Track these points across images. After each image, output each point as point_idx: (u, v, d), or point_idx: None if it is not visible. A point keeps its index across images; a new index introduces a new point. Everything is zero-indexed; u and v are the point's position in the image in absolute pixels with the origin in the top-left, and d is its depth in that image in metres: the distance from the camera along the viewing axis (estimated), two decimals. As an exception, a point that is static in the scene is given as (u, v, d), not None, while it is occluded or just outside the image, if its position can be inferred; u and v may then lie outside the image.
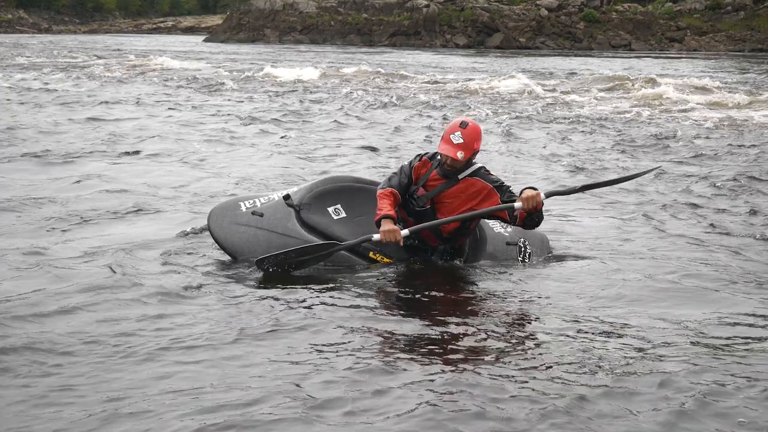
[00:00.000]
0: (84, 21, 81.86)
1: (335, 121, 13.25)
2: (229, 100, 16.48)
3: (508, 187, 4.99)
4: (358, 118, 13.75)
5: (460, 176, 4.98)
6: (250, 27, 56.56)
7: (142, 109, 14.42)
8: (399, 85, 20.59)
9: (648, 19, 50.57)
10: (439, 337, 4.03)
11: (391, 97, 17.13)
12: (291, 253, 4.91)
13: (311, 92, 18.44)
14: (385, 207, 4.90)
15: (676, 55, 41.23)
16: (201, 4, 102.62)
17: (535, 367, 3.67)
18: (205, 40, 56.92)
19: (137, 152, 9.66)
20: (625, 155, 10.34)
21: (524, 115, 14.52)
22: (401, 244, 4.87)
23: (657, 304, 4.60)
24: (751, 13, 49.39)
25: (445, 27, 50.89)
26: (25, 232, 5.89)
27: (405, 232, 4.88)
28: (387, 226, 4.82)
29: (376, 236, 4.84)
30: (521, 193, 4.79)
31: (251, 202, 5.37)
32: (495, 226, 5.56)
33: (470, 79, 21.94)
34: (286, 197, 5.25)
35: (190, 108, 14.81)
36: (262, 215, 5.22)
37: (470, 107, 15.70)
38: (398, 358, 3.74)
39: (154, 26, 78.61)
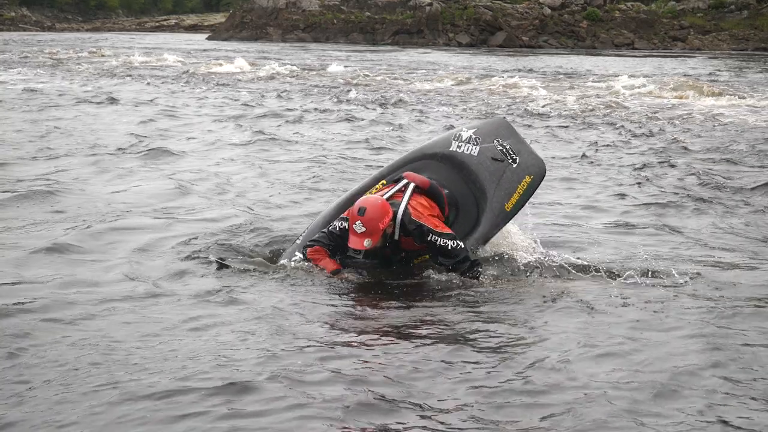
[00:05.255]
0: (87, 19, 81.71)
1: (322, 122, 13.25)
2: (225, 98, 16.47)
3: (435, 243, 4.86)
4: (348, 119, 13.74)
5: (396, 237, 4.94)
6: (253, 25, 56.45)
7: (145, 108, 14.43)
8: (393, 84, 20.57)
9: (651, 17, 50.42)
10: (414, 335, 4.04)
11: (383, 96, 17.11)
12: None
13: (303, 93, 18.42)
14: (327, 264, 4.93)
15: (679, 54, 41.13)
16: (204, 2, 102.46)
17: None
18: (208, 38, 56.85)
19: (137, 151, 9.67)
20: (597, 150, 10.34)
21: (514, 112, 14.51)
22: None
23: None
24: (754, 12, 49.20)
25: (447, 25, 50.74)
26: (46, 230, 5.95)
27: None
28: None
29: None
30: None
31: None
32: (466, 149, 5.42)
33: (465, 78, 21.91)
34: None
35: (189, 106, 14.81)
36: None
37: (458, 106, 15.69)
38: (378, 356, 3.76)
39: (157, 24, 78.46)
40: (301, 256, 5.09)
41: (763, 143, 11.13)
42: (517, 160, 5.38)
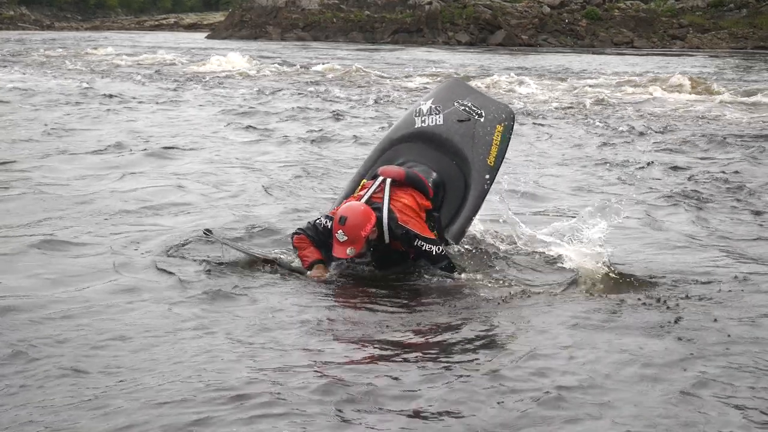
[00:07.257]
0: (86, 18, 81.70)
1: (313, 127, 13.26)
2: (222, 97, 16.47)
3: (421, 248, 4.87)
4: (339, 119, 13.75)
5: (386, 241, 4.91)
6: (253, 24, 56.46)
7: (142, 106, 14.43)
8: (389, 82, 20.57)
9: (650, 16, 50.43)
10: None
11: (379, 94, 17.11)
12: (234, 247, 5.00)
13: (300, 91, 18.42)
14: (311, 253, 4.90)
15: (679, 53, 41.14)
16: (203, 1, 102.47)
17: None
18: (207, 37, 56.85)
19: (141, 150, 9.68)
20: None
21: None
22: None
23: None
24: (753, 10, 49.19)
25: (447, 24, 50.74)
26: (45, 228, 5.93)
27: None
28: (320, 272, 4.86)
29: (311, 272, 4.87)
30: None
31: None
32: (431, 120, 5.43)
33: (461, 76, 21.90)
34: None
35: (186, 104, 14.81)
36: None
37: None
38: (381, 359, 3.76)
39: (157, 23, 78.41)
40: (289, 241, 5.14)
41: (762, 141, 11.13)
42: (483, 114, 5.38)
